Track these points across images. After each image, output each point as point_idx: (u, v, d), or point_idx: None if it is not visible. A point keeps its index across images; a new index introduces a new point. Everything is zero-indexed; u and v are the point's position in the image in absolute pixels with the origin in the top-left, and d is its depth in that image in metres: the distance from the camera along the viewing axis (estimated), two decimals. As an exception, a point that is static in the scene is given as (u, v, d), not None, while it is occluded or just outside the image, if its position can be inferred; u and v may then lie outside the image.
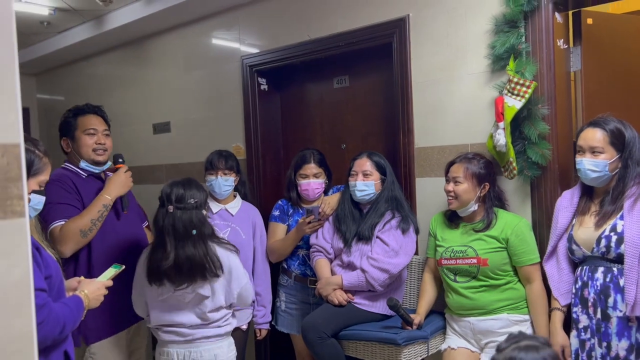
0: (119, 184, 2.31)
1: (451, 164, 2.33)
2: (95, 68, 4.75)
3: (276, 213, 2.84)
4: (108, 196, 2.26)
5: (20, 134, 0.85)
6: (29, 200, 1.57)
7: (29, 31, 4.25)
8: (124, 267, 1.98)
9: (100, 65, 4.68)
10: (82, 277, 1.84)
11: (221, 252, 2.19)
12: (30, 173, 1.54)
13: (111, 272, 1.92)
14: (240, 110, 3.51)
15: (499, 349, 1.25)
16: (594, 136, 1.98)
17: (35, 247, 1.47)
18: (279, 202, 2.88)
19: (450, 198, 2.29)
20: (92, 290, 1.74)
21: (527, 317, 2.22)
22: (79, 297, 1.66)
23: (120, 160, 2.43)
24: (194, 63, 3.83)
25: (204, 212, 2.21)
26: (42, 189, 1.67)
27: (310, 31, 3.09)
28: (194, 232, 2.12)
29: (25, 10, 3.69)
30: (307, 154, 2.77)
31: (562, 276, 2.09)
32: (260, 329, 2.79)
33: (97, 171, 2.39)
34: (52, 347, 1.51)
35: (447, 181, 2.31)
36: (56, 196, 2.19)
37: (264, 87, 3.47)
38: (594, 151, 1.97)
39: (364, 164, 2.52)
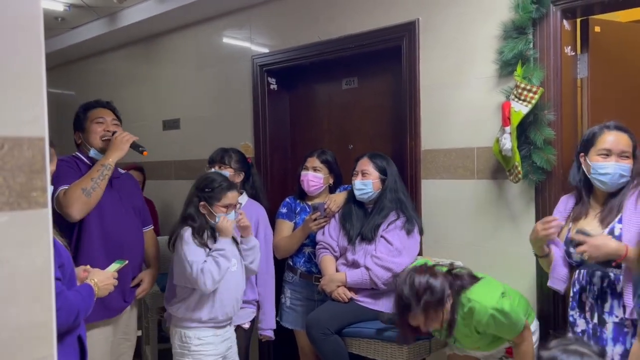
0: (115, 145, 2.31)
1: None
2: (106, 64, 4.80)
3: (283, 210, 2.88)
4: (107, 158, 2.28)
5: (45, 128, 0.88)
6: None
7: (44, 26, 4.30)
8: (127, 262, 2.03)
9: (112, 62, 4.74)
10: (89, 266, 1.88)
11: None
12: None
13: (115, 266, 1.98)
14: (250, 109, 3.55)
15: (547, 347, 1.24)
16: (624, 140, 1.95)
17: None
18: (287, 199, 2.93)
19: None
20: (102, 279, 1.79)
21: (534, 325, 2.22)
22: (90, 286, 1.72)
23: (140, 148, 2.45)
24: (205, 61, 3.88)
25: None
26: (50, 178, 1.70)
27: (320, 32, 3.13)
28: None
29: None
30: (316, 150, 2.86)
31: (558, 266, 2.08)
32: (262, 335, 2.77)
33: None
34: (66, 333, 1.56)
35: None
36: (61, 172, 2.21)
37: (274, 86, 3.50)
38: (622, 155, 1.93)
39: (364, 163, 2.57)
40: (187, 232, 2.32)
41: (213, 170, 2.66)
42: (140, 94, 4.46)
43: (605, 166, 1.94)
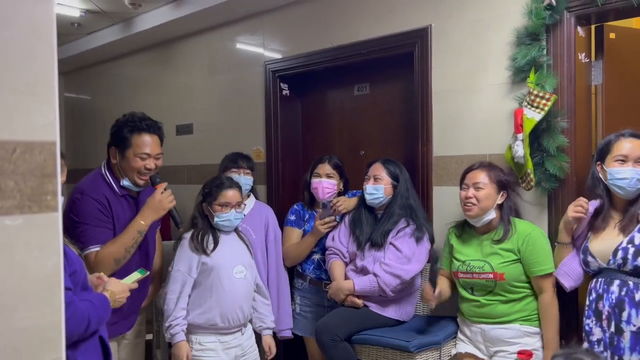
0: (153, 208, 2.19)
1: (468, 170, 2.31)
2: (121, 69, 4.85)
3: (292, 218, 2.86)
4: (143, 222, 2.16)
5: (56, 132, 0.89)
6: None
7: (60, 32, 4.33)
8: (148, 273, 2.01)
9: (127, 67, 4.79)
10: (102, 274, 1.85)
11: None
12: None
13: (136, 275, 1.94)
14: (262, 114, 3.56)
15: (555, 355, 1.26)
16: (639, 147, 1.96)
17: None
18: (295, 206, 2.91)
19: (469, 205, 2.24)
20: (118, 291, 1.76)
21: (538, 330, 2.21)
22: (105, 297, 1.69)
23: (159, 179, 2.28)
24: (218, 67, 3.90)
25: None
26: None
27: (333, 38, 3.13)
28: None
29: (57, 11, 3.80)
30: (324, 156, 2.84)
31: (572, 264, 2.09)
32: (281, 336, 2.76)
33: (135, 190, 2.29)
34: (83, 339, 1.55)
35: (465, 188, 2.28)
36: (92, 217, 2.11)
37: (286, 92, 3.52)
38: (638, 161, 1.94)
39: (376, 168, 2.56)
40: (187, 236, 2.39)
41: (237, 174, 2.72)
42: (154, 99, 4.50)
43: (622, 171, 1.95)
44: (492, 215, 2.26)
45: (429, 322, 2.49)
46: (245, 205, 2.66)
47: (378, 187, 2.52)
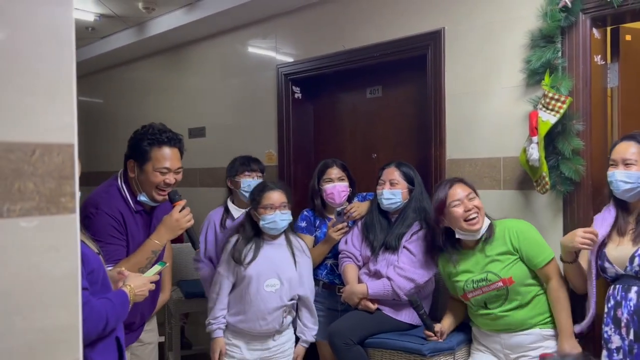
0: (170, 227, 2.08)
1: (444, 194, 2.18)
2: (134, 73, 4.89)
3: (303, 224, 2.82)
4: (158, 242, 2.07)
5: (74, 134, 0.90)
6: None
7: (74, 36, 4.42)
8: (167, 264, 2.02)
9: (140, 70, 4.83)
10: (124, 269, 1.82)
11: None
12: None
13: (157, 268, 1.93)
14: (274, 117, 3.57)
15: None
16: (628, 149, 1.96)
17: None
18: (304, 212, 2.88)
19: (474, 218, 2.15)
20: (138, 285, 1.73)
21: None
22: (124, 292, 1.67)
23: (178, 196, 2.16)
24: (231, 70, 3.92)
25: None
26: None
27: (345, 41, 3.13)
28: None
29: (72, 16, 3.85)
30: (329, 160, 2.82)
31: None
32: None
33: (152, 205, 2.19)
34: (101, 338, 1.55)
35: (457, 205, 2.15)
36: (106, 234, 2.03)
37: (298, 95, 3.52)
38: (626, 163, 1.94)
39: (392, 173, 2.54)
40: (232, 241, 2.47)
41: (251, 179, 2.76)
42: (166, 102, 4.53)
43: (610, 175, 1.99)
44: (488, 220, 2.21)
45: (443, 327, 2.46)
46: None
47: (395, 192, 2.51)
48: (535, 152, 2.23)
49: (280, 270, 2.40)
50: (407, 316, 2.45)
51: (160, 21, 4.01)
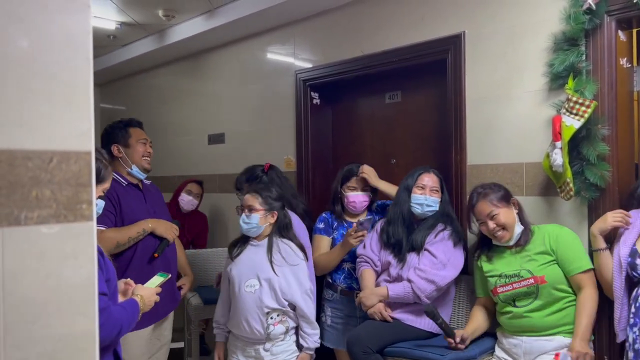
0: (165, 227, 2.47)
1: (471, 207, 2.29)
2: (155, 79, 4.95)
3: (321, 226, 2.84)
4: (151, 225, 2.42)
5: (91, 142, 0.90)
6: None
7: (96, 44, 4.46)
8: (170, 276, 2.05)
9: (160, 77, 4.88)
10: (130, 279, 1.88)
11: None
12: (97, 180, 1.61)
13: (158, 280, 1.97)
14: (292, 123, 3.57)
15: None
16: None
17: (99, 252, 1.53)
18: (323, 214, 2.88)
19: (499, 234, 2.22)
20: (147, 295, 1.80)
21: None
22: (136, 301, 1.72)
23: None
24: (250, 76, 3.93)
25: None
26: (104, 194, 1.75)
27: (363, 47, 3.12)
28: None
29: (93, 24, 3.90)
30: (354, 168, 2.80)
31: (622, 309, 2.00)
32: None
33: (142, 177, 2.57)
34: (104, 349, 1.57)
35: (483, 224, 2.26)
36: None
37: (317, 101, 3.51)
38: None
39: (435, 180, 2.52)
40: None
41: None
42: (186, 109, 4.56)
43: None
44: (520, 227, 2.24)
45: (464, 336, 2.42)
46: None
47: (437, 200, 2.50)
48: (559, 158, 2.18)
49: (260, 271, 2.34)
50: (427, 324, 2.41)
51: (180, 28, 4.04)
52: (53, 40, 0.85)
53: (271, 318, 2.34)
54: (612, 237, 2.12)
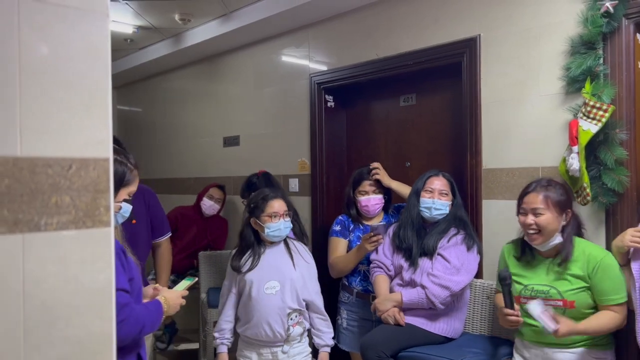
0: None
1: (525, 193, 2.11)
2: (171, 82, 4.99)
3: (337, 228, 2.84)
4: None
5: (109, 149, 0.91)
6: (120, 208, 1.66)
7: (114, 48, 4.54)
8: (197, 279, 2.06)
9: (176, 80, 4.92)
10: (158, 285, 1.92)
11: None
12: (122, 184, 1.62)
13: (185, 283, 1.99)
14: (307, 126, 3.58)
15: None
16: None
17: (121, 250, 1.55)
18: (340, 217, 2.89)
19: (532, 234, 2.06)
20: (172, 297, 1.80)
21: (607, 353, 2.07)
22: (160, 302, 1.72)
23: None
24: (264, 80, 3.95)
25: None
26: (130, 198, 1.74)
27: (378, 50, 3.12)
28: None
29: (111, 28, 3.95)
30: (364, 171, 2.80)
31: None
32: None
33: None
34: (127, 350, 1.57)
35: (523, 213, 2.08)
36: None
37: (331, 104, 3.52)
38: None
39: (444, 184, 2.50)
40: (232, 253, 2.50)
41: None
42: (202, 111, 4.60)
43: None
44: (559, 239, 2.06)
45: (479, 341, 2.40)
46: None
47: (445, 203, 2.49)
48: (576, 162, 2.16)
49: (280, 273, 2.38)
50: (442, 328, 2.40)
51: (196, 32, 4.08)
52: (73, 49, 0.86)
53: (291, 319, 2.38)
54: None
